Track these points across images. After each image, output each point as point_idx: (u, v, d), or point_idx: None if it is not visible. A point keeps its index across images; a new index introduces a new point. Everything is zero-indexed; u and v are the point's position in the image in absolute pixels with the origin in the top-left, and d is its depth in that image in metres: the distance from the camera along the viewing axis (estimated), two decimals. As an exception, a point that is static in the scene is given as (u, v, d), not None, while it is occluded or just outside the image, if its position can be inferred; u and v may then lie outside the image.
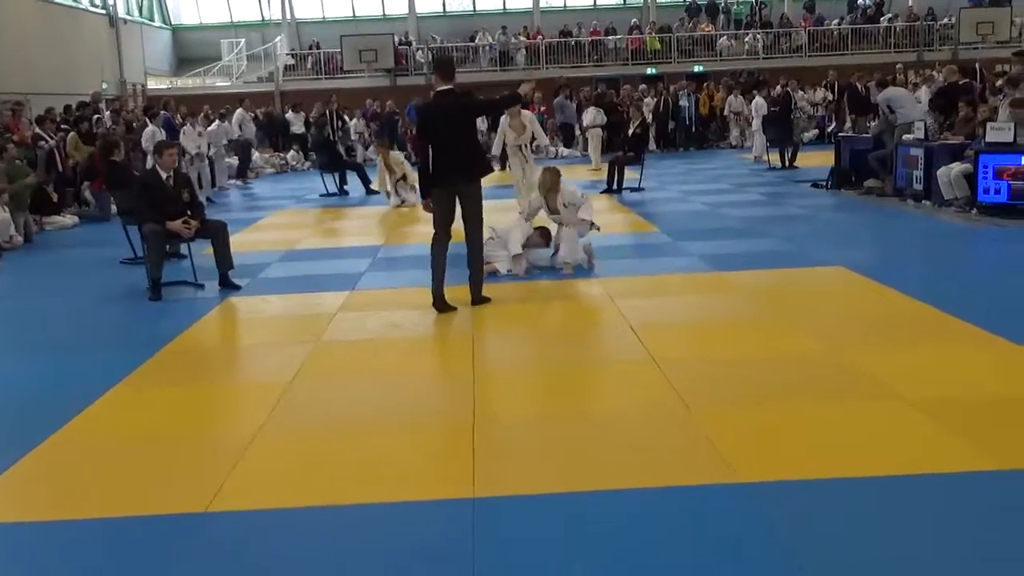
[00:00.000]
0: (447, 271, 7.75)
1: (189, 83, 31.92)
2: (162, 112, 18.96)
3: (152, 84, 31.03)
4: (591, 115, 21.31)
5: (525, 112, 12.57)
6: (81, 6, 27.64)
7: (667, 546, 3.64)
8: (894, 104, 14.01)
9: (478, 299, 7.83)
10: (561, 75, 28.24)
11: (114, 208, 13.29)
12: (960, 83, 15.26)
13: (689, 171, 19.64)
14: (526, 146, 12.59)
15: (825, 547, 3.59)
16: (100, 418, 5.46)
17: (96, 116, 18.70)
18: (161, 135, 15.83)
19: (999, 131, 11.69)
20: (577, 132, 24.51)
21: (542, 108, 24.57)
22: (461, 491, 4.16)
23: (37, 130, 15.43)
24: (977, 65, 22.17)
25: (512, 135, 12.55)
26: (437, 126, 7.65)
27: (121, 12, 29.56)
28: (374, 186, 17.20)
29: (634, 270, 9.03)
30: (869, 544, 3.59)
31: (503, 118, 12.78)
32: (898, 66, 25.02)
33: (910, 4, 33.80)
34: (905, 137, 13.38)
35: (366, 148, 25.61)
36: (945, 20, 31.95)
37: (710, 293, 8.18)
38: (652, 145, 25.03)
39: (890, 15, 33.13)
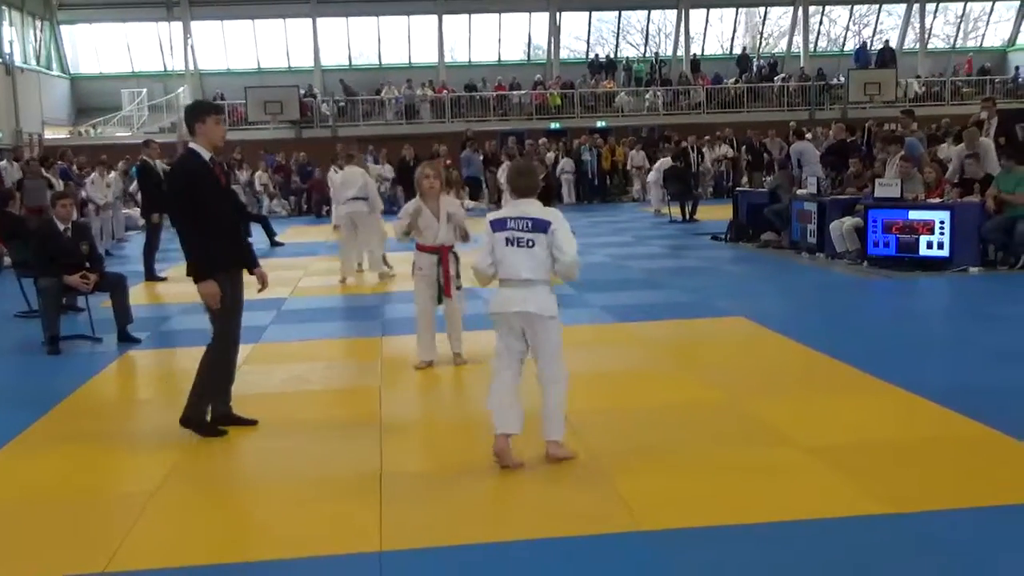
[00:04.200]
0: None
1: (88, 133, 31.26)
2: (59, 162, 18.53)
3: (50, 134, 30.27)
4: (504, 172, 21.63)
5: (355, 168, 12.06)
6: (-25, 55, 26.97)
7: (573, 595, 3.68)
8: (804, 158, 14.62)
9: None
10: (468, 128, 28.50)
11: (7, 260, 12.90)
12: (848, 140, 15.94)
13: (592, 224, 19.96)
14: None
15: (726, 592, 3.68)
16: (-8, 477, 5.28)
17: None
18: (59, 186, 15.48)
19: (887, 187, 12.22)
20: (484, 188, 24.75)
21: (447, 161, 24.72)
22: (368, 544, 4.14)
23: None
24: (867, 124, 23.12)
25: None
26: None
27: (18, 61, 28.86)
28: (279, 239, 17.16)
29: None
30: (768, 588, 3.69)
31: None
32: (791, 124, 25.93)
33: (802, 65, 35.16)
34: (799, 192, 13.89)
35: (271, 200, 25.50)
36: (835, 81, 33.35)
37: (614, 344, 8.32)
38: (571, 198, 25.62)
39: (783, 75, 34.40)
